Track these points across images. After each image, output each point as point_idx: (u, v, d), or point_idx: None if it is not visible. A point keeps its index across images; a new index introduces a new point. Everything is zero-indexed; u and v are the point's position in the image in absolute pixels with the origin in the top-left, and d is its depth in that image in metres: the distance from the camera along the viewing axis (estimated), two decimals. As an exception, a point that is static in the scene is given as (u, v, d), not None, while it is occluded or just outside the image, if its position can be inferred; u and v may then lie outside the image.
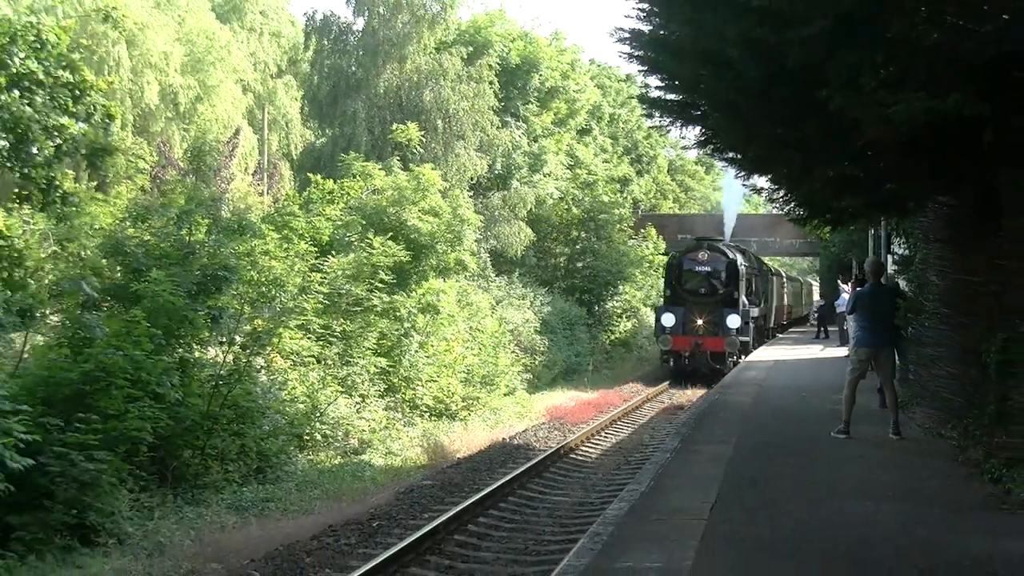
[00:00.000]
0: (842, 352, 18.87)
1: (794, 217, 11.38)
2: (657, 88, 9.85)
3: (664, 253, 32.29)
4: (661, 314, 23.25)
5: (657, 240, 34.68)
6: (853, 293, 12.30)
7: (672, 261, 24.99)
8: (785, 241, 39.17)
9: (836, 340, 24.69)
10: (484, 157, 26.46)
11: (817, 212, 10.81)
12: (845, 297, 19.95)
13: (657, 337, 24.01)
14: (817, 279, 48.82)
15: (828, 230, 16.91)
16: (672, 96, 9.48)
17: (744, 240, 33.16)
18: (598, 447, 14.31)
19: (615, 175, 39.88)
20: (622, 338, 30.51)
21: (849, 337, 12.93)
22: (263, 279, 14.14)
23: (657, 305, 25.24)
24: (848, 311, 12.15)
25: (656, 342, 24.66)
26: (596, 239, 31.08)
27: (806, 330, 38.09)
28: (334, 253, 16.69)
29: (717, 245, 24.43)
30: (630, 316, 31.13)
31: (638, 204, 42.97)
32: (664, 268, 26.15)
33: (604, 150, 40.92)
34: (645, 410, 18.93)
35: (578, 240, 31.18)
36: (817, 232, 19.05)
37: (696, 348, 22.47)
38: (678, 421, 14.98)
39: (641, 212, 41.24)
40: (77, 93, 13.29)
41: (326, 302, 15.17)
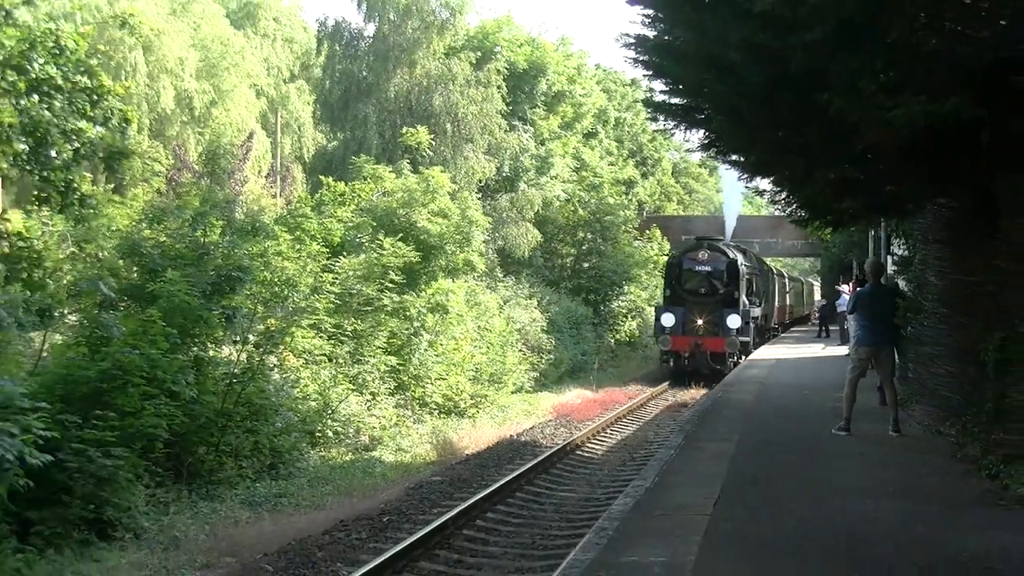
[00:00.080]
0: (843, 351, 18.84)
1: (796, 219, 11.39)
2: (661, 92, 9.92)
3: (668, 254, 32.26)
4: (661, 314, 22.83)
5: (662, 241, 34.70)
6: (853, 293, 12.40)
7: (672, 261, 24.55)
8: (787, 242, 39.04)
9: (837, 339, 24.56)
10: (492, 160, 26.61)
11: (818, 214, 10.84)
12: (845, 297, 20.04)
13: (657, 337, 23.58)
14: (819, 279, 48.75)
15: (829, 231, 16.88)
16: (676, 100, 9.48)
17: (747, 241, 32.98)
18: (604, 444, 14.40)
19: (620, 177, 39.93)
20: (627, 338, 30.61)
21: (850, 336, 13.03)
22: (276, 279, 14.29)
23: (657, 305, 24.86)
24: (849, 311, 12.24)
25: (656, 342, 24.27)
26: (602, 240, 31.24)
27: (807, 329, 37.98)
28: (345, 254, 16.87)
29: (717, 245, 23.99)
30: (635, 316, 31.17)
31: (643, 206, 42.94)
32: (664, 268, 25.81)
33: (609, 153, 41.00)
34: (649, 408, 19.00)
35: (584, 241, 31.34)
36: (818, 233, 18.81)
37: (696, 348, 22.08)
38: (682, 419, 15.01)
39: (646, 214, 41.27)
40: (95, 98, 13.47)
41: (337, 302, 15.32)
